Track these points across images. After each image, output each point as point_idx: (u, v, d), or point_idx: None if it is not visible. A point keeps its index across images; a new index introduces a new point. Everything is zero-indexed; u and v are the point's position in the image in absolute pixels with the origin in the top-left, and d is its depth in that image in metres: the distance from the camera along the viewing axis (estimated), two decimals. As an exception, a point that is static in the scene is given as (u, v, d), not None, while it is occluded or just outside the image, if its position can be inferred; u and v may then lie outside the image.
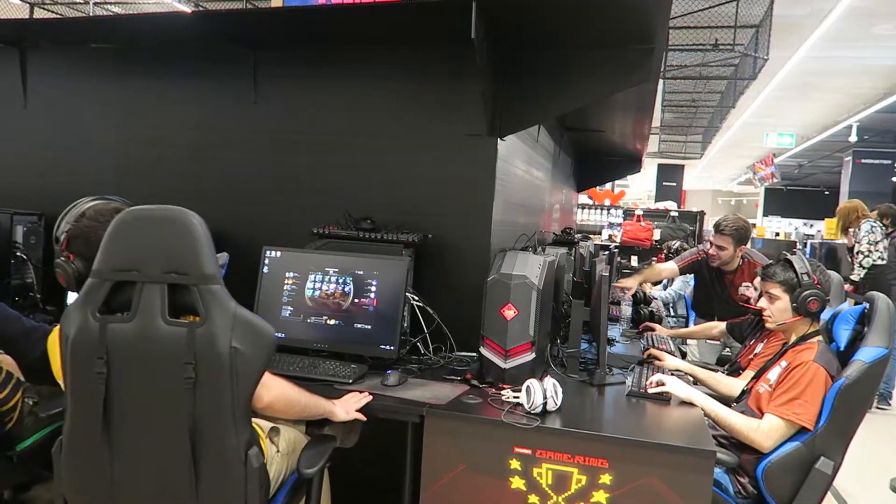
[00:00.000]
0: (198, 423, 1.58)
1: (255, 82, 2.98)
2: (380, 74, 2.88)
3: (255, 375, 1.63)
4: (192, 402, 1.57)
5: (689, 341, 4.46)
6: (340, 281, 2.43)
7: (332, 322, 2.42)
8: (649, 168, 15.17)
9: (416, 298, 2.62)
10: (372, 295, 2.40)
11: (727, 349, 4.15)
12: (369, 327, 2.39)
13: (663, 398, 2.24)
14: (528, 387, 2.01)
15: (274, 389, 1.77)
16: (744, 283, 3.78)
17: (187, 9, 8.00)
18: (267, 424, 1.91)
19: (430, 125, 2.81)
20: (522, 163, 3.37)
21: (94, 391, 1.59)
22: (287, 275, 2.48)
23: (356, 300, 2.41)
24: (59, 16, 8.81)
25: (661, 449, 1.83)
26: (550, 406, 2.00)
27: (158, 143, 3.18)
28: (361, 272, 2.41)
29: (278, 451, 1.87)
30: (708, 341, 4.41)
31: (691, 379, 2.77)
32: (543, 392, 2.00)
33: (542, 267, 2.31)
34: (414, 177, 2.82)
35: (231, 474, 1.61)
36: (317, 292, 2.45)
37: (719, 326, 3.58)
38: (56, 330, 1.69)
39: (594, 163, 6.43)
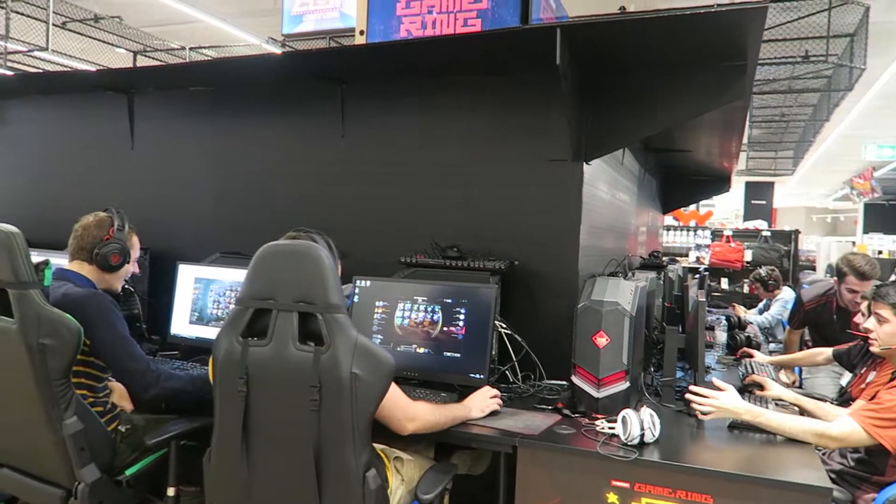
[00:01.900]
0: (321, 442, 1.69)
1: (343, 116, 3.08)
2: (463, 103, 2.92)
3: (374, 401, 1.72)
4: (316, 423, 1.68)
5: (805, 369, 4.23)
6: (429, 309, 2.45)
7: (421, 350, 2.44)
8: (736, 186, 14.58)
9: (504, 326, 2.60)
10: (460, 323, 2.40)
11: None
12: (458, 355, 2.39)
13: (756, 427, 2.12)
14: (623, 417, 1.95)
15: (418, 420, 1.91)
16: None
17: (276, 49, 8.39)
18: (392, 453, 1.98)
19: (514, 152, 2.81)
20: (608, 186, 3.31)
21: (236, 408, 1.75)
22: (377, 304, 2.52)
23: (445, 328, 2.42)
24: (160, 62, 9.42)
25: (771, 485, 1.73)
26: (648, 437, 1.93)
27: (252, 177, 3.33)
28: (450, 300, 2.42)
29: (403, 481, 1.95)
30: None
31: (797, 409, 2.61)
32: (640, 423, 1.93)
33: (634, 293, 2.25)
34: (499, 204, 2.82)
35: (350, 493, 1.71)
36: (406, 321, 2.47)
37: (825, 353, 3.37)
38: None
39: (680, 183, 6.26)
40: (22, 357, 1.90)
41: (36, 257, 2.01)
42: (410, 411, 1.89)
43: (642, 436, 1.92)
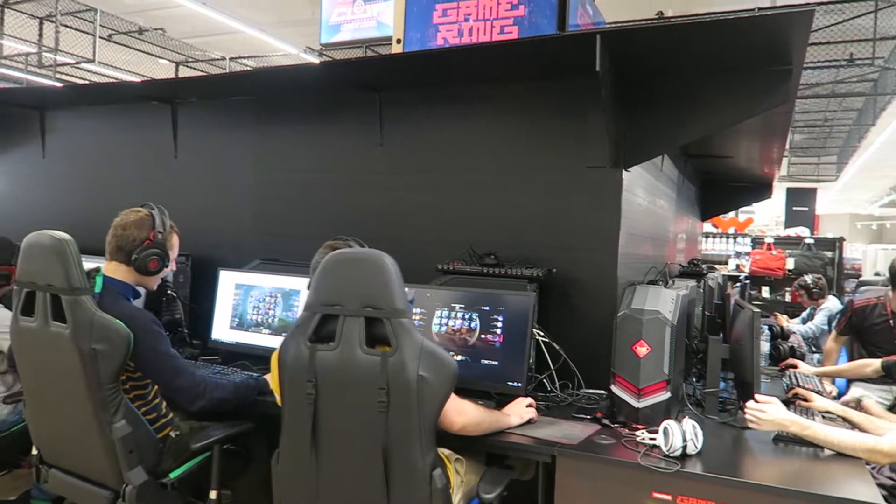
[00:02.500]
0: (389, 443, 1.74)
1: (381, 125, 3.10)
2: (501, 111, 2.92)
3: (439, 402, 1.76)
4: (384, 425, 1.73)
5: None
6: (466, 317, 2.45)
7: (458, 358, 2.43)
8: (777, 192, 14.28)
9: (542, 334, 2.59)
10: (498, 330, 2.39)
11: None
12: (496, 363, 2.38)
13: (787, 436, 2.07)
14: (665, 428, 1.92)
15: (467, 414, 1.93)
16: None
17: (314, 59, 8.51)
18: (452, 455, 2.01)
19: (551, 159, 2.80)
20: (646, 193, 3.27)
21: (305, 411, 1.80)
22: (414, 311, 2.53)
23: (482, 336, 2.41)
24: (201, 72, 9.63)
25: (819, 500, 1.68)
26: (690, 449, 1.90)
27: (291, 185, 3.38)
28: (487, 308, 2.42)
29: (462, 482, 1.99)
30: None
31: (845, 423, 2.54)
32: (682, 434, 1.90)
33: (676, 301, 2.22)
34: (537, 211, 2.81)
35: (418, 492, 1.76)
36: (443, 328, 2.48)
37: (873, 364, 3.27)
38: (276, 352, 1.91)
39: (719, 190, 6.15)
40: (74, 362, 1.96)
41: (86, 264, 2.07)
42: (458, 404, 1.91)
43: (684, 447, 1.89)
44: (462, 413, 1.92)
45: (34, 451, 2.31)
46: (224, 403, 2.24)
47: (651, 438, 1.97)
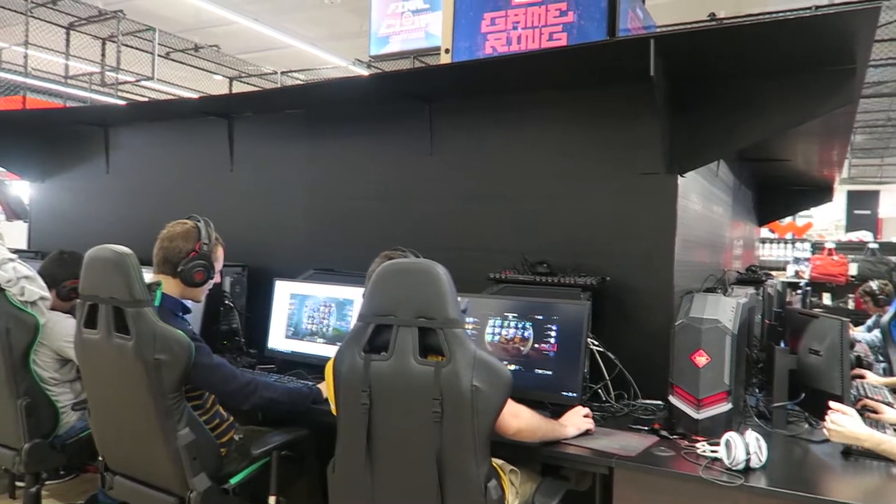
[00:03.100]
0: (443, 454, 1.74)
1: (431, 134, 3.12)
2: (551, 118, 2.90)
3: (493, 413, 1.75)
4: (438, 435, 1.73)
5: None
6: (520, 326, 2.43)
7: (512, 367, 2.42)
8: (837, 195, 13.80)
9: (596, 343, 2.55)
10: (552, 340, 2.37)
11: None
12: (550, 373, 2.36)
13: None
14: (727, 440, 1.87)
15: (522, 418, 1.92)
16: None
17: (362, 70, 8.64)
18: (507, 466, 2.00)
19: (604, 166, 2.77)
20: (702, 199, 3.20)
21: (360, 420, 1.82)
22: (468, 320, 2.52)
23: (536, 345, 2.39)
24: (254, 86, 9.89)
25: (895, 518, 1.61)
26: (754, 462, 1.84)
27: (343, 195, 3.42)
28: (541, 317, 2.40)
29: (517, 494, 1.97)
30: None
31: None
32: (745, 446, 1.84)
33: (736, 310, 2.16)
34: (589, 218, 2.78)
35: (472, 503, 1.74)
36: (496, 337, 2.47)
37: (948, 374, 3.11)
38: (331, 362, 1.94)
39: (777, 194, 5.97)
40: (139, 372, 2.02)
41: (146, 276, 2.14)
42: (513, 408, 1.89)
43: (748, 460, 1.83)
44: (517, 416, 1.91)
45: (100, 458, 2.39)
46: (276, 405, 2.28)
47: (712, 451, 1.92)
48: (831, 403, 2.08)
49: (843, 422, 2.00)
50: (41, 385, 2.71)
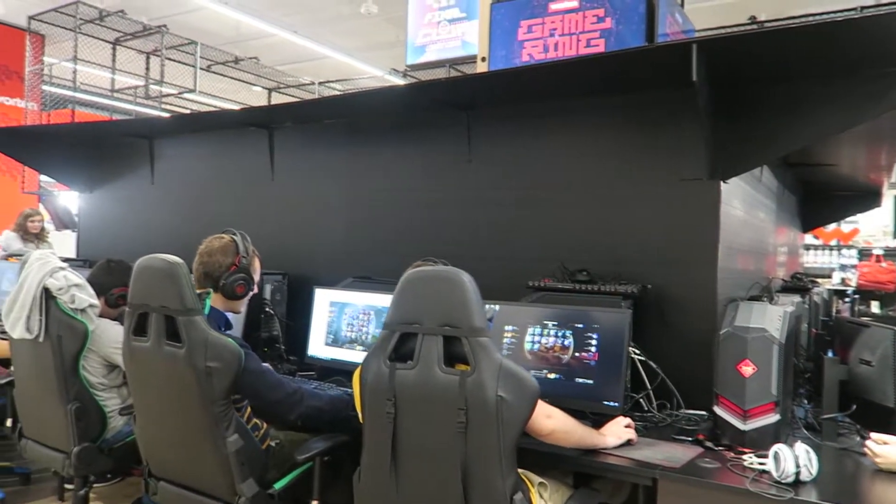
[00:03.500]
0: (468, 464, 1.72)
1: (469, 142, 3.13)
2: (590, 124, 2.89)
3: (519, 424, 1.73)
4: (463, 445, 1.71)
5: None
6: (560, 334, 2.41)
7: (552, 376, 2.40)
8: (885, 201, 13.36)
9: (638, 352, 2.52)
10: (593, 348, 2.35)
11: None
12: (591, 382, 2.34)
13: None
14: (776, 452, 1.82)
15: (556, 419, 1.89)
16: None
17: (398, 79, 8.71)
18: (535, 478, 1.98)
19: (644, 172, 2.74)
20: (745, 205, 3.14)
21: (385, 429, 1.81)
22: (506, 328, 2.52)
23: (577, 353, 2.37)
24: (293, 97, 10.05)
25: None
26: (804, 476, 1.79)
27: (381, 203, 3.45)
28: (581, 325, 2.38)
29: None
30: None
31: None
32: (795, 459, 1.79)
33: (783, 318, 2.11)
34: (629, 226, 2.75)
35: None
36: (536, 346, 2.45)
37: None
38: (358, 370, 1.95)
39: (822, 199, 5.82)
40: (190, 380, 2.06)
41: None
42: (546, 409, 1.87)
43: (797, 473, 1.78)
44: (551, 416, 1.89)
45: (144, 463, 2.44)
46: (321, 413, 2.30)
47: (760, 463, 1.87)
48: (872, 435, 2.00)
49: (887, 452, 1.93)
50: (90, 390, 2.78)
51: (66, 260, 3.01)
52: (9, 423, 3.53)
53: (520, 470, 1.91)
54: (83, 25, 7.45)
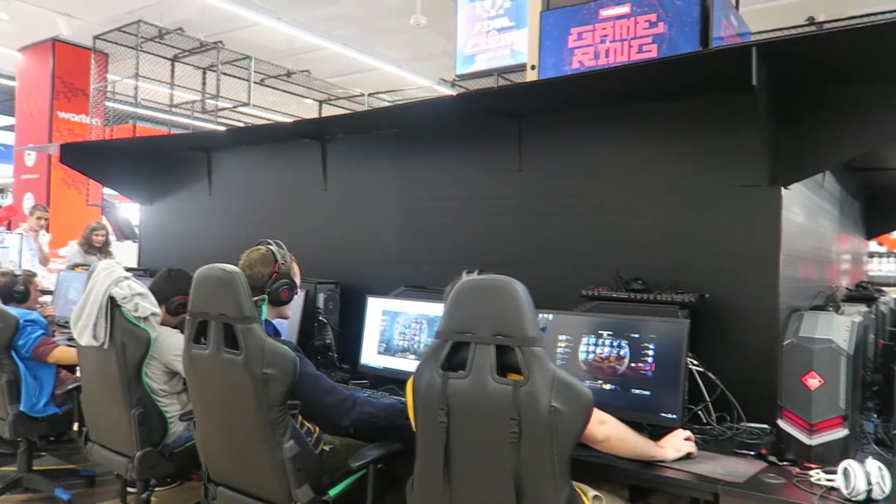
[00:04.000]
0: (521, 475, 1.70)
1: (520, 150, 3.12)
2: (644, 131, 2.84)
3: (574, 435, 1.70)
4: (516, 456, 1.69)
5: None
6: (615, 344, 2.38)
7: (607, 387, 2.37)
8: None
9: (696, 363, 2.46)
10: (650, 359, 2.30)
11: None
12: (648, 393, 2.29)
13: None
14: (845, 469, 1.75)
15: (609, 425, 1.87)
16: None
17: (446, 89, 8.76)
18: (590, 491, 1.95)
19: (700, 178, 2.68)
20: (807, 211, 3.04)
21: (438, 438, 1.81)
22: (560, 338, 2.49)
23: (633, 364, 2.33)
24: (343, 109, 10.22)
25: None
26: (877, 493, 1.71)
27: (433, 213, 3.47)
28: (637, 335, 2.34)
29: None
30: None
31: None
32: (867, 476, 1.72)
33: (851, 329, 2.03)
34: (686, 234, 2.69)
35: None
36: (591, 356, 2.42)
37: None
38: (411, 379, 1.95)
39: (888, 205, 5.58)
40: (247, 386, 2.10)
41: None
42: (600, 415, 1.84)
43: (869, 491, 1.71)
44: (605, 423, 1.86)
45: (203, 468, 2.49)
46: (373, 419, 2.32)
47: (828, 479, 1.80)
48: None
49: None
50: (152, 396, 2.87)
51: (128, 270, 3.11)
52: (76, 426, 3.68)
53: (574, 482, 1.88)
54: (144, 43, 7.75)
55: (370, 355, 3.16)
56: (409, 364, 2.98)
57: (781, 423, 2.07)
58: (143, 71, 7.85)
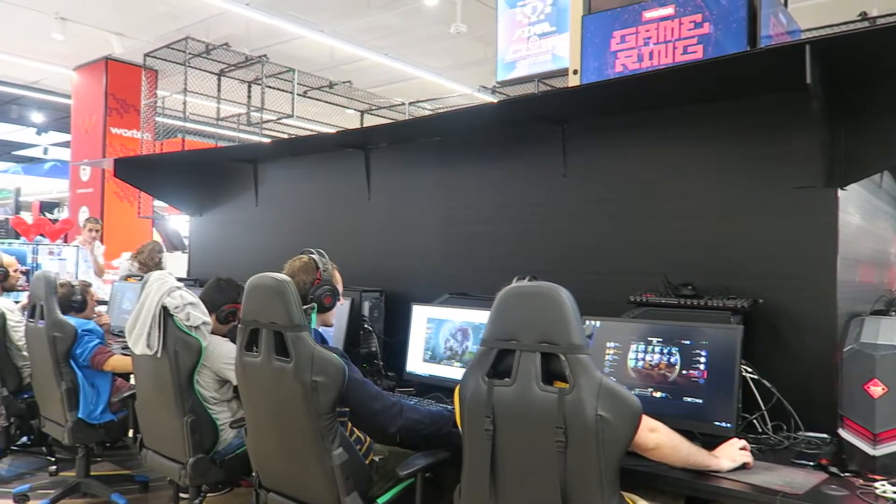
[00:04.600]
0: (568, 485, 1.68)
1: (564, 155, 3.09)
2: (691, 134, 2.79)
3: (622, 445, 1.67)
4: (563, 465, 1.68)
5: None
6: (665, 351, 2.33)
7: (658, 395, 2.32)
8: None
9: (750, 370, 2.39)
10: (702, 366, 2.25)
11: None
12: (700, 401, 2.24)
13: None
14: (913, 481, 1.67)
15: (660, 432, 1.82)
16: None
17: (486, 96, 8.77)
18: (642, 501, 1.92)
19: (750, 181, 2.61)
20: (864, 213, 2.93)
21: (484, 446, 1.80)
22: (608, 345, 2.46)
23: (684, 371, 2.28)
24: (384, 118, 10.31)
25: None
26: (949, 508, 1.63)
27: (477, 220, 3.46)
28: (688, 342, 2.28)
29: None
30: None
31: None
32: (937, 489, 1.64)
33: (916, 335, 1.94)
34: (736, 237, 2.63)
35: None
36: (640, 363, 2.38)
37: None
38: (458, 386, 1.95)
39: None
40: (297, 394, 2.13)
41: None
42: (650, 422, 1.80)
43: (940, 504, 1.63)
44: (655, 430, 1.81)
45: (254, 474, 2.53)
46: (419, 426, 2.32)
47: (894, 492, 1.73)
48: None
49: None
50: (203, 404, 2.92)
51: (178, 280, 3.18)
52: (130, 433, 3.77)
53: (625, 493, 1.85)
54: (192, 59, 7.95)
55: (416, 363, 3.17)
56: (454, 371, 2.97)
57: (843, 433, 1.99)
58: (191, 86, 8.06)
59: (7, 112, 13.98)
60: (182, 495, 3.27)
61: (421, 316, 3.19)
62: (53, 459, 4.36)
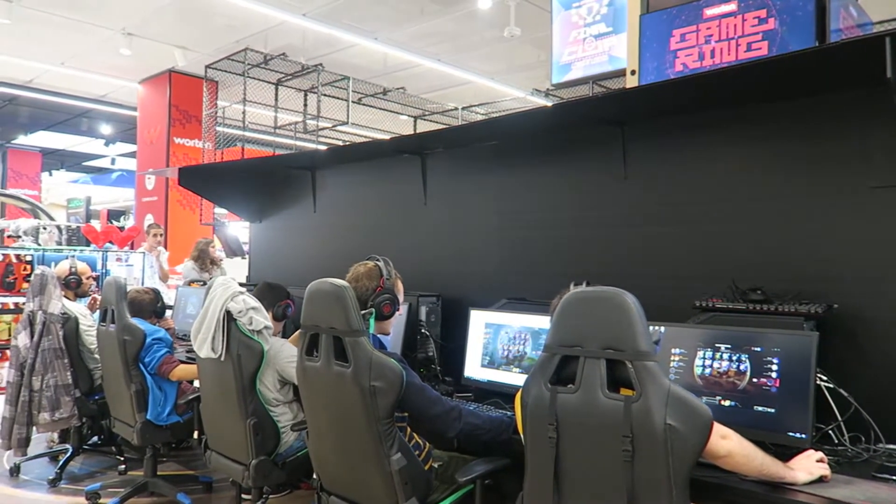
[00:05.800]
0: (636, 495, 1.64)
1: (625, 157, 3.03)
2: (757, 133, 2.69)
3: (692, 455, 1.62)
4: (630, 475, 1.63)
5: None
6: (734, 358, 2.25)
7: (726, 403, 2.24)
8: None
9: (825, 378, 2.28)
10: (773, 374, 2.16)
11: None
12: (772, 411, 2.15)
13: None
14: None
15: (731, 440, 1.76)
16: None
17: (540, 99, 8.70)
18: None
19: (822, 181, 2.51)
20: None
21: (547, 454, 1.77)
22: (673, 351, 2.39)
23: (754, 379, 2.19)
24: (437, 123, 10.35)
25: None
26: None
27: (534, 223, 3.43)
28: (759, 348, 2.20)
29: None
30: None
31: None
32: None
33: None
34: (808, 241, 2.52)
35: None
36: (707, 370, 2.30)
37: None
38: (519, 392, 1.93)
39: None
40: (356, 398, 2.14)
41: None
42: (721, 430, 1.73)
43: None
44: (727, 437, 1.74)
45: (315, 477, 2.55)
46: (479, 431, 2.31)
47: None
48: None
49: None
50: (265, 406, 2.98)
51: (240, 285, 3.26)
52: (195, 435, 3.87)
53: None
54: (250, 70, 8.15)
55: (473, 368, 3.15)
56: (513, 377, 2.94)
57: (929, 446, 1.88)
58: (250, 95, 8.25)
59: (78, 125, 14.64)
60: (244, 496, 3.34)
61: (479, 321, 3.17)
62: (122, 459, 4.51)
